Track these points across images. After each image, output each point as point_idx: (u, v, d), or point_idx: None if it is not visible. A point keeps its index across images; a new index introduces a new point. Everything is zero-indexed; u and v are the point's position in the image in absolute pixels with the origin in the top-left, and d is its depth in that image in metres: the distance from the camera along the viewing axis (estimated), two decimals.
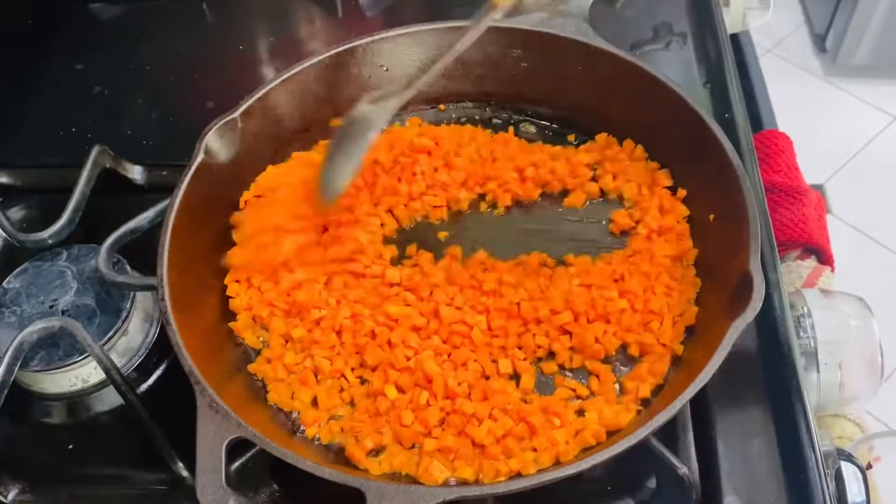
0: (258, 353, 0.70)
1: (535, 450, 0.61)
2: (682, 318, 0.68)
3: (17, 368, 0.67)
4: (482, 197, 0.80)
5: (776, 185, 0.99)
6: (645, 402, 0.64)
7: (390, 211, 0.78)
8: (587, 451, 0.61)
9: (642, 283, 0.70)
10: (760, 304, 0.58)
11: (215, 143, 0.74)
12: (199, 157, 0.72)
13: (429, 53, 0.83)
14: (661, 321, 0.68)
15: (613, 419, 0.62)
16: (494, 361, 0.67)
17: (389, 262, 0.75)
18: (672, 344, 0.66)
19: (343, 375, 0.67)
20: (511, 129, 0.84)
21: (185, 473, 0.65)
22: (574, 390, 0.66)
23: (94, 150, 0.81)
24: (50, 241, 0.77)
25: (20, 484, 0.68)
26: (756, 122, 1.13)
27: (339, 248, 0.73)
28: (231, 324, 0.71)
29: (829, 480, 0.62)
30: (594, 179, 0.79)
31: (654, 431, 0.56)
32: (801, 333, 0.72)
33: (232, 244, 0.75)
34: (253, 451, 0.61)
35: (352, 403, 0.66)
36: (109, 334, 0.71)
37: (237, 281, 0.73)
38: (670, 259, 0.72)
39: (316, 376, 0.67)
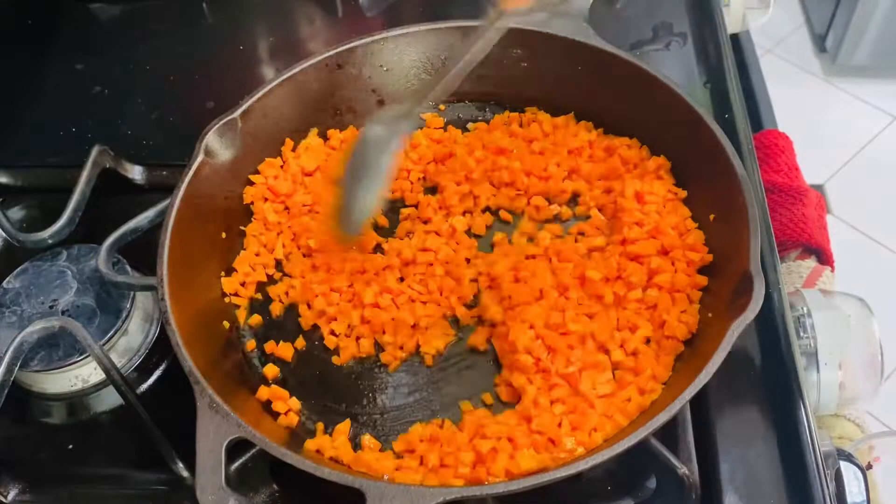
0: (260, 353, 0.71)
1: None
2: (684, 316, 0.68)
3: (17, 368, 0.67)
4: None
5: (776, 185, 0.99)
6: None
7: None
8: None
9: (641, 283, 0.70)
10: (760, 305, 0.58)
11: (215, 143, 0.74)
12: (199, 157, 0.72)
13: (429, 53, 0.83)
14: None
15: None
16: None
17: None
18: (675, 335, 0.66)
19: None
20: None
21: (185, 473, 0.65)
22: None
23: (94, 150, 0.81)
24: (50, 241, 0.77)
25: (20, 484, 0.68)
26: (756, 122, 1.13)
27: None
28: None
29: (829, 480, 0.62)
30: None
31: (654, 431, 0.56)
32: (801, 333, 0.72)
33: (231, 244, 0.75)
34: (253, 451, 0.61)
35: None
36: (109, 334, 0.71)
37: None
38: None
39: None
